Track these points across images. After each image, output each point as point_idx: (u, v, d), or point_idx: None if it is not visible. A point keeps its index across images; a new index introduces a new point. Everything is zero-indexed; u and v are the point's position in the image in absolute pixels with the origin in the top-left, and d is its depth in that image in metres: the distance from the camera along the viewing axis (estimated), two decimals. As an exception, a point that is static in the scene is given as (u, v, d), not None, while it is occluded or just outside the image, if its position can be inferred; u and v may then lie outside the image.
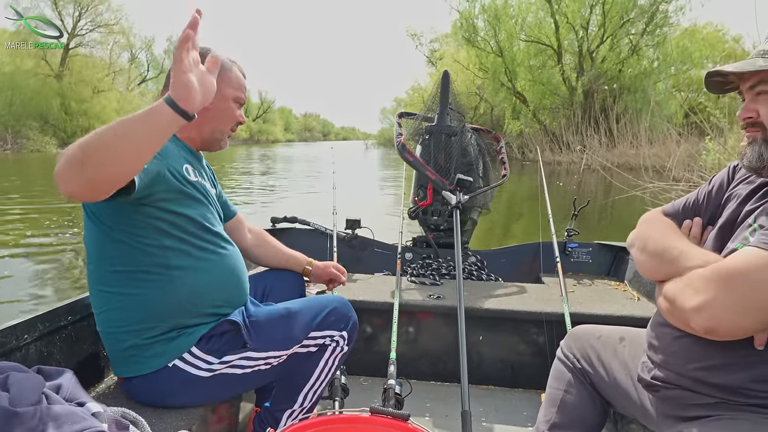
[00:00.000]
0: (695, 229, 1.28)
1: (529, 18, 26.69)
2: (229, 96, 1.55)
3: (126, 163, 1.08)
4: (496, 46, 27.12)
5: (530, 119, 26.50)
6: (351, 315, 1.62)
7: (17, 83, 33.10)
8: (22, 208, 9.43)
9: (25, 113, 32.87)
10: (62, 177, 1.05)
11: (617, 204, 10.01)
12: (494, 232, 7.84)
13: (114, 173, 1.08)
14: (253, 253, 1.87)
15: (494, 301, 2.45)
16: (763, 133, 1.08)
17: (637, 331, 1.42)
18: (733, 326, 0.97)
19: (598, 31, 24.80)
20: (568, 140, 22.13)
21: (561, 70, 25.58)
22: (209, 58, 1.18)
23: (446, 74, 3.06)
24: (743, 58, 1.13)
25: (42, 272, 5.32)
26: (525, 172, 18.52)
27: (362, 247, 3.26)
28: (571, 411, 1.44)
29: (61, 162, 1.05)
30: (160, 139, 1.11)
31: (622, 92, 22.93)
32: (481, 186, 3.05)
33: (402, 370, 2.33)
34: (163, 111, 1.09)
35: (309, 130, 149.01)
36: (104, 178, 1.07)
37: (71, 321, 1.61)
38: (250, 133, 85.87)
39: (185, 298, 1.41)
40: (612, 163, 14.55)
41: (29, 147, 31.62)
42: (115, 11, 41.04)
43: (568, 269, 3.10)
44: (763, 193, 1.14)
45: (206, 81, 1.15)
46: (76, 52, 39.28)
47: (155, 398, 1.44)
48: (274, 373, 1.54)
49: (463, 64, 30.90)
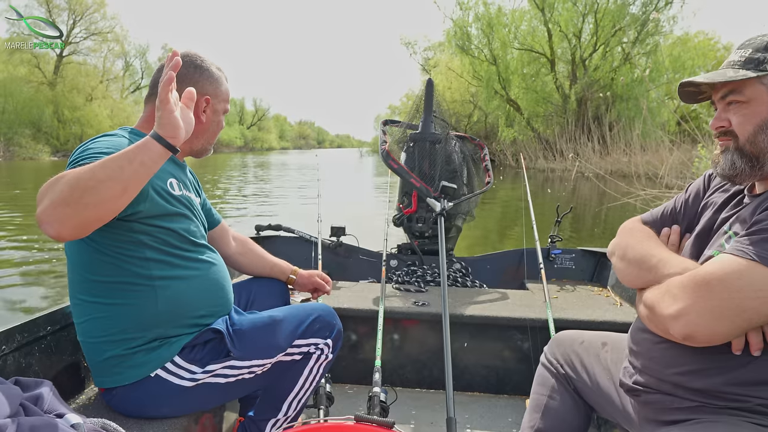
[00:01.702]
0: (673, 237, 1.31)
1: (522, 26, 26.87)
2: (220, 110, 1.59)
3: (115, 202, 1.10)
4: (489, 54, 27.28)
5: (524, 127, 26.63)
6: (335, 323, 1.61)
7: (10, 90, 33.14)
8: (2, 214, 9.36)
9: (17, 120, 32.88)
10: (48, 219, 1.04)
11: (611, 211, 10.05)
12: (489, 238, 7.85)
13: (103, 213, 1.09)
14: (237, 261, 1.86)
15: (479, 307, 2.46)
16: (734, 142, 1.10)
17: (620, 337, 1.44)
18: (710, 332, 0.98)
19: (591, 40, 25.00)
20: (561, 148, 22.23)
21: (554, 78, 25.76)
22: (186, 93, 1.22)
23: (430, 82, 3.08)
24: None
25: (22, 281, 5.24)
26: (519, 179, 18.58)
27: (347, 254, 3.26)
28: (555, 416, 1.44)
29: (45, 204, 1.04)
30: (149, 175, 1.15)
31: (614, 100, 23.09)
32: (465, 193, 3.06)
33: (387, 378, 2.33)
34: (153, 148, 1.13)
35: (304, 138, 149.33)
36: (93, 218, 1.08)
37: (51, 331, 1.58)
38: (245, 141, 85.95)
39: (167, 307, 1.40)
40: (605, 171, 14.63)
41: (22, 154, 31.53)
42: (110, 19, 41.15)
43: (552, 275, 3.12)
44: (738, 200, 1.16)
45: (187, 116, 1.21)
46: (69, 60, 39.34)
47: (137, 409, 1.43)
48: (258, 381, 1.53)
49: (457, 72, 31.09)
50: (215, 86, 1.56)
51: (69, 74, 38.18)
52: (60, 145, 35.37)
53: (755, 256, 0.95)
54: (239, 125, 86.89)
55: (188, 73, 1.50)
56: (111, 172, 1.07)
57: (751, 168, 1.08)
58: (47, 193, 1.05)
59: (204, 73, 1.53)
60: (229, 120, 79.50)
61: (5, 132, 31.75)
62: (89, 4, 39.34)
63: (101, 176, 1.06)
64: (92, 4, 39.49)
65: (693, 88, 1.18)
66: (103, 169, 1.07)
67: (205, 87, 1.53)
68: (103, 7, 40.23)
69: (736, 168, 1.10)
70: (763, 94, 1.05)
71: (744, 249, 0.97)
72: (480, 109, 30.98)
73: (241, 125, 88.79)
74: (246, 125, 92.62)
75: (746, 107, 1.07)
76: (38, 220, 1.05)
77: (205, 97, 1.53)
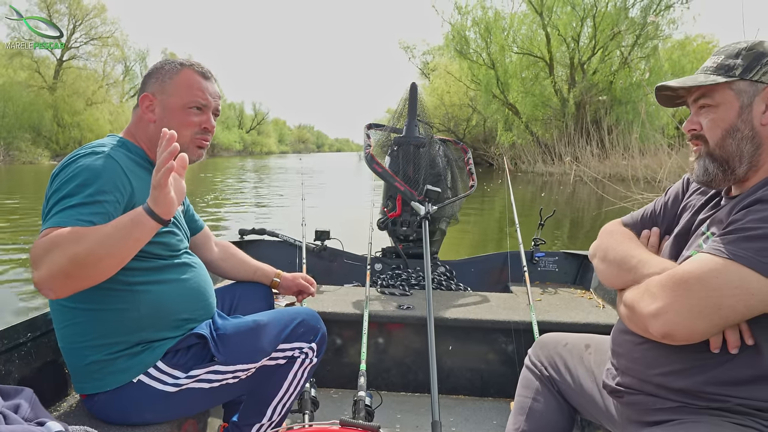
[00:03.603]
0: (653, 239, 1.33)
1: (522, 29, 26.88)
2: (176, 105, 1.47)
3: (110, 271, 1.19)
4: (488, 58, 27.28)
5: (523, 131, 26.60)
6: (320, 327, 1.61)
7: (10, 95, 33.20)
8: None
9: (17, 125, 32.93)
10: (48, 287, 1.13)
11: (609, 215, 10.04)
12: (489, 239, 7.83)
13: (99, 280, 1.19)
14: (220, 266, 1.85)
15: (463, 310, 2.46)
16: (705, 147, 1.14)
17: (603, 338, 1.45)
18: (688, 330, 0.99)
19: (589, 43, 25.00)
20: (560, 151, 22.22)
21: (553, 81, 25.74)
22: (179, 160, 1.21)
23: (414, 86, 3.09)
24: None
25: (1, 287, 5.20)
26: (518, 183, 18.58)
27: (331, 258, 3.26)
28: (539, 418, 1.46)
29: (44, 274, 1.11)
30: (141, 245, 1.21)
31: (613, 104, 23.08)
32: (449, 196, 3.07)
33: (372, 382, 2.33)
34: (148, 224, 1.18)
35: (303, 142, 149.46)
36: (90, 284, 1.18)
37: (31, 338, 1.57)
38: (244, 145, 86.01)
39: (149, 312, 1.39)
40: (604, 174, 14.61)
41: (21, 158, 31.57)
42: (110, 24, 41.23)
43: (536, 278, 3.13)
44: (715, 203, 1.19)
45: (179, 186, 1.25)
46: (69, 65, 39.42)
47: (119, 415, 1.41)
48: (243, 386, 1.53)
49: (455, 76, 31.07)
50: (161, 81, 1.47)
51: (69, 79, 38.23)
52: (60, 149, 35.40)
53: (731, 254, 0.97)
54: (238, 129, 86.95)
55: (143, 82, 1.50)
56: (109, 249, 1.14)
57: (723, 173, 1.11)
58: (45, 261, 1.11)
59: (153, 74, 1.49)
60: (229, 124, 79.62)
61: (5, 136, 31.79)
62: (89, 9, 39.47)
63: (100, 253, 1.13)
64: (92, 9, 39.63)
65: (670, 92, 1.21)
66: (100, 247, 1.13)
67: (149, 87, 1.48)
68: (104, 12, 40.37)
69: (709, 174, 1.13)
70: (732, 100, 1.09)
71: (721, 248, 0.99)
72: (479, 113, 30.94)
73: (241, 129, 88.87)
74: (245, 129, 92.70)
75: (715, 111, 1.11)
76: (37, 286, 1.13)
77: (145, 94, 1.48)
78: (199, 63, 1.53)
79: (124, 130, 1.51)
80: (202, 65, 1.53)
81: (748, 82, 1.08)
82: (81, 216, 1.19)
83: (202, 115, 1.50)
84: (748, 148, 1.09)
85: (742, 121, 1.09)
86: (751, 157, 1.09)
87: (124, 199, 1.31)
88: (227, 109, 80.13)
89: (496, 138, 28.15)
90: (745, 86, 1.08)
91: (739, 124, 1.09)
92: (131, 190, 1.33)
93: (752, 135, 1.09)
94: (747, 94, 1.08)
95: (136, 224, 1.17)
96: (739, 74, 1.08)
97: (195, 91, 1.48)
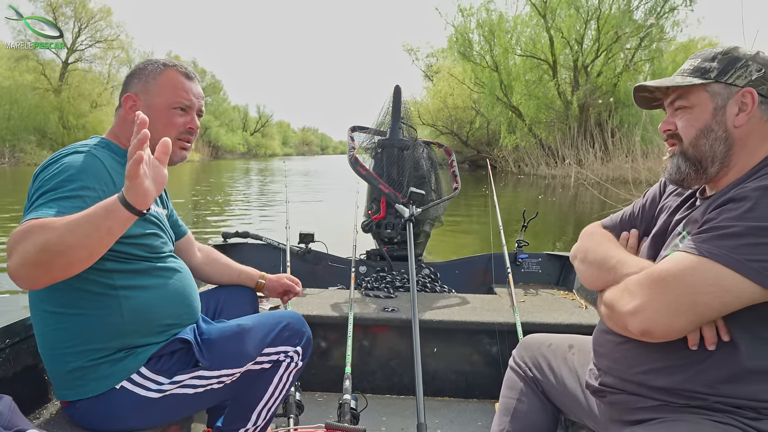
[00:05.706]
0: (632, 240, 1.36)
1: (527, 31, 26.85)
2: (158, 106, 1.45)
3: (82, 264, 1.14)
4: (491, 60, 27.29)
5: (526, 133, 26.58)
6: (305, 330, 1.61)
7: (16, 97, 33.40)
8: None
9: (23, 127, 33.12)
10: (19, 276, 1.10)
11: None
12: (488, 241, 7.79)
13: (72, 272, 1.14)
14: (204, 271, 1.84)
15: (448, 312, 2.47)
16: (679, 146, 1.16)
17: (586, 339, 1.46)
18: (666, 327, 1.00)
19: (593, 46, 24.95)
20: (563, 154, 22.18)
21: (556, 84, 25.70)
22: (160, 146, 1.16)
23: (397, 89, 3.09)
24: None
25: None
26: (521, 185, 18.58)
27: (316, 261, 3.26)
28: (524, 419, 1.47)
29: (16, 263, 1.08)
30: (114, 238, 1.15)
31: (617, 106, 23.03)
32: (433, 199, 3.08)
33: (357, 385, 2.33)
34: (122, 215, 1.11)
35: (307, 144, 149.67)
36: (62, 276, 1.13)
37: (10, 344, 1.55)
38: (248, 147, 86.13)
39: (132, 317, 1.38)
40: (607, 177, 14.57)
41: (26, 160, 31.69)
42: (116, 27, 41.41)
43: (519, 279, 3.14)
44: (690, 203, 1.22)
45: (159, 174, 1.17)
46: (75, 67, 39.59)
47: (101, 422, 1.39)
48: (227, 391, 1.52)
49: (459, 78, 31.08)
50: (144, 82, 1.46)
51: (74, 81, 38.40)
52: (64, 151, 35.53)
53: (706, 252, 0.98)
54: (242, 132, 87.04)
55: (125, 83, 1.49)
56: (80, 238, 1.08)
57: (695, 172, 1.14)
58: (17, 250, 1.08)
59: (136, 74, 1.49)
60: (233, 126, 79.67)
61: (10, 138, 31.96)
62: (95, 12, 39.64)
63: (70, 242, 1.08)
64: (98, 12, 39.79)
65: (647, 94, 1.24)
66: (71, 235, 1.08)
67: (133, 87, 1.47)
68: (109, 15, 40.50)
69: (681, 172, 1.16)
70: (706, 101, 1.12)
71: (696, 246, 1.01)
72: (482, 116, 30.92)
73: (245, 132, 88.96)
74: (249, 132, 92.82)
75: (690, 112, 1.14)
76: (10, 275, 1.10)
77: (128, 95, 1.47)
78: (182, 63, 1.53)
79: (108, 131, 1.51)
80: (185, 66, 1.53)
81: (723, 85, 1.11)
82: (62, 209, 1.17)
83: (186, 116, 1.49)
84: (721, 148, 1.11)
85: (716, 122, 1.11)
86: (723, 158, 1.12)
87: (106, 196, 1.29)
88: (231, 111, 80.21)
89: (499, 140, 28.13)
90: (719, 89, 1.11)
91: (713, 124, 1.11)
92: (114, 189, 1.32)
93: (725, 136, 1.11)
94: (721, 96, 1.11)
95: (109, 213, 1.10)
96: (714, 77, 1.11)
97: (179, 91, 1.48)
